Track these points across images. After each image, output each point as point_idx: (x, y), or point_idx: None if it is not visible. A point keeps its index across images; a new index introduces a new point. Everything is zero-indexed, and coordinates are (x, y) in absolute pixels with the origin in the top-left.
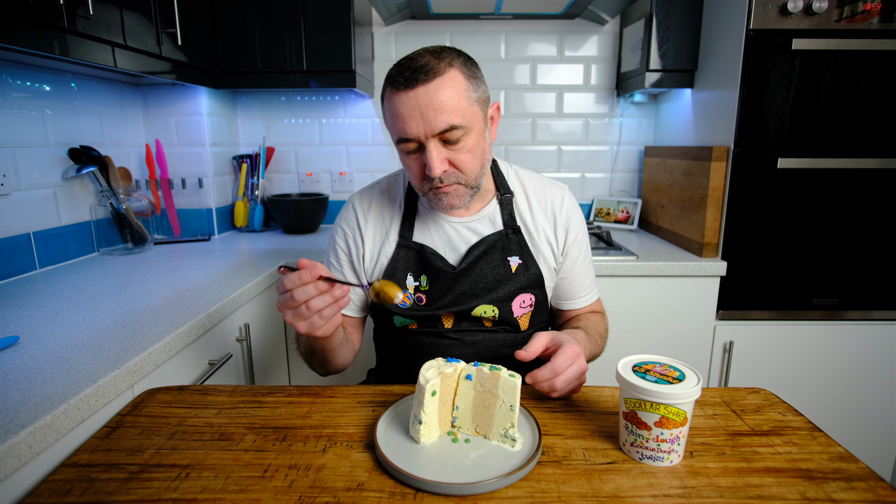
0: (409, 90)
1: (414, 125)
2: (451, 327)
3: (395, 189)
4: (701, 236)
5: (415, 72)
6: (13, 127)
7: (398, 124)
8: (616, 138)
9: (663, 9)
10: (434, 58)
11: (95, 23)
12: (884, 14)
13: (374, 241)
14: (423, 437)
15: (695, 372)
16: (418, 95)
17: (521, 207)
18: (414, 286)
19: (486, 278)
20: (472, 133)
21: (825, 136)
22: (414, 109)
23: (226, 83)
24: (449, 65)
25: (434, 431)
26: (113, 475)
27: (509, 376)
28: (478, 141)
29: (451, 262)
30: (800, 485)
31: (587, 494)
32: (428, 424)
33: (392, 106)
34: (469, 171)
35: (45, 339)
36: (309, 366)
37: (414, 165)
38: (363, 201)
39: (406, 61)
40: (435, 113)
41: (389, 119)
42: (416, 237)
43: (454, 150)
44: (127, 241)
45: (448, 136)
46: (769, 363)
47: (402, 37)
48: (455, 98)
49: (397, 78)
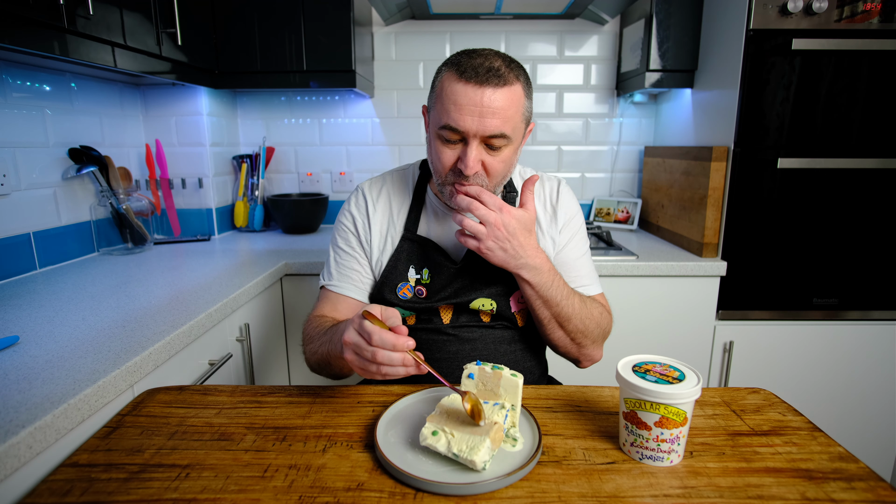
0: (478, 86)
1: (469, 120)
2: (448, 323)
3: (406, 181)
4: (701, 236)
5: (488, 71)
6: (13, 127)
7: (452, 113)
8: (616, 138)
9: (663, 9)
10: (506, 65)
11: (95, 23)
12: (884, 14)
13: (381, 229)
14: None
15: (695, 372)
16: (484, 94)
17: None
18: (415, 279)
19: (486, 273)
20: (511, 145)
21: (825, 136)
22: (475, 106)
23: (226, 83)
24: (517, 77)
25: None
26: (113, 475)
27: (511, 376)
28: (512, 153)
29: (454, 256)
30: (800, 485)
31: (587, 494)
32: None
33: (453, 93)
34: (496, 177)
35: (45, 339)
36: (317, 371)
37: (447, 155)
38: (373, 189)
39: (478, 57)
40: (492, 117)
41: (442, 103)
42: (421, 230)
43: (492, 155)
44: (127, 241)
45: (492, 142)
46: (769, 363)
47: (402, 37)
48: (513, 110)
49: (468, 69)
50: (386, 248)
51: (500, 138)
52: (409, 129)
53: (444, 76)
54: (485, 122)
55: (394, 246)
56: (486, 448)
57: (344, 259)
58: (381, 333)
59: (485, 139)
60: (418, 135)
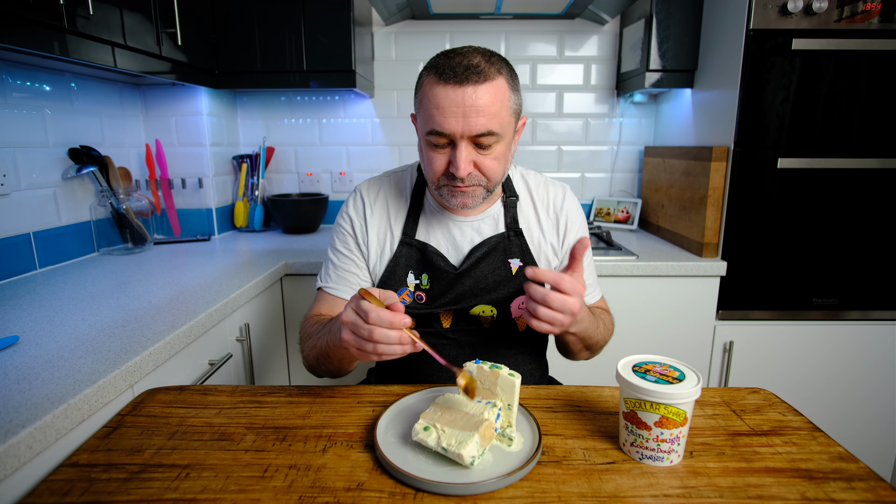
0: (457, 86)
1: (453, 122)
2: (448, 327)
3: (403, 184)
4: (701, 236)
5: (466, 69)
6: (13, 127)
7: (436, 117)
8: (616, 138)
9: (663, 9)
10: (485, 60)
11: (95, 23)
12: (884, 14)
13: (377, 232)
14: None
15: (695, 372)
16: (465, 94)
17: (526, 210)
18: (414, 284)
19: (486, 279)
20: (503, 141)
21: (825, 136)
22: (457, 107)
23: (226, 83)
24: (498, 71)
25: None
26: (113, 475)
27: (508, 375)
28: (505, 149)
29: (453, 261)
30: (800, 485)
31: (587, 494)
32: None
33: (434, 96)
34: (492, 176)
35: (45, 339)
36: (314, 368)
37: (438, 160)
38: (371, 191)
39: (456, 56)
40: (477, 115)
41: (425, 108)
42: (420, 235)
43: (483, 154)
44: (127, 241)
45: (481, 141)
46: (769, 363)
47: (402, 37)
48: (498, 105)
49: (446, 70)
50: (384, 252)
51: (488, 136)
52: (409, 129)
53: (425, 81)
54: (469, 122)
55: (392, 250)
56: (475, 443)
57: (342, 262)
58: (378, 311)
59: (473, 139)
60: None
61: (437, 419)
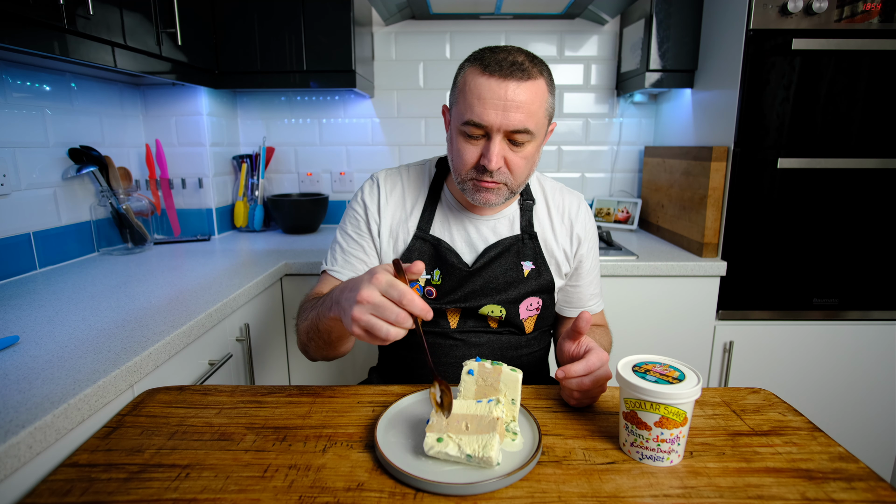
0: (502, 80)
1: (493, 114)
2: (455, 327)
3: (422, 178)
4: (701, 236)
5: (511, 65)
6: (13, 127)
7: (476, 107)
8: (616, 138)
9: (663, 9)
10: (529, 60)
11: (95, 23)
12: (884, 14)
13: (391, 223)
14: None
15: (695, 372)
16: (508, 88)
17: (541, 214)
18: (425, 279)
19: (497, 280)
20: (534, 141)
21: (825, 136)
22: (499, 99)
23: (226, 83)
24: (540, 73)
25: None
26: (113, 475)
27: (511, 371)
28: (535, 151)
29: (467, 259)
30: (800, 485)
31: (587, 494)
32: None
33: (477, 87)
34: (518, 175)
35: (45, 339)
36: (305, 346)
37: (469, 151)
38: (388, 181)
39: (501, 52)
40: (516, 111)
41: (465, 98)
42: (435, 230)
43: (514, 151)
44: (127, 241)
45: (516, 137)
46: (769, 363)
47: (402, 37)
48: (537, 104)
49: (491, 63)
50: (397, 244)
51: (523, 133)
52: (410, 129)
53: (467, 71)
54: (509, 117)
55: (406, 243)
56: (497, 443)
57: (350, 246)
58: (415, 298)
59: (508, 134)
60: (418, 135)
61: (447, 428)
